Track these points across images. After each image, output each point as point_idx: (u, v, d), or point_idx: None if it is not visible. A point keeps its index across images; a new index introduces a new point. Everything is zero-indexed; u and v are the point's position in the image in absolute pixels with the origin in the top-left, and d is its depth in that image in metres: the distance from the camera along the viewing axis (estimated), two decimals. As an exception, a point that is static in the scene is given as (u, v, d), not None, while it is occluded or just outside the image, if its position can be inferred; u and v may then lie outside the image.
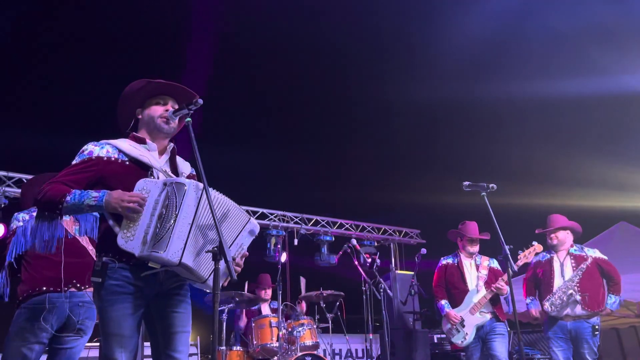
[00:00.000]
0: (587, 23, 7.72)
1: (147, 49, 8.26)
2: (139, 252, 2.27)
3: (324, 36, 8.70)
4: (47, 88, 7.92)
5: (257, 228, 2.63)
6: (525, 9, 8.11)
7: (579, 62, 8.45)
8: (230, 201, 2.46)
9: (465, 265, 5.16)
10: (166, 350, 2.44)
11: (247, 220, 2.54)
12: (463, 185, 3.94)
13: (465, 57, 8.86)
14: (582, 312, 4.72)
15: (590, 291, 4.74)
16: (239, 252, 2.51)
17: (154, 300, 2.46)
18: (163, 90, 2.68)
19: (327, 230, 9.84)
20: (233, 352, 5.53)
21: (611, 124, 9.31)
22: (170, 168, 2.64)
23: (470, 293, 5.01)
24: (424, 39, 8.71)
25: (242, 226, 2.50)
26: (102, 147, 2.50)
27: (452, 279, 5.14)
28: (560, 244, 4.98)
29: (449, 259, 5.30)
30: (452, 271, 5.18)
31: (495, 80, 9.06)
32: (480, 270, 5.10)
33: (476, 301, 4.91)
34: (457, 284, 5.09)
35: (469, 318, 4.93)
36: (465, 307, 4.97)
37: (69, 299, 3.45)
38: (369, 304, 5.98)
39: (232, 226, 2.47)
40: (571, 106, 8.69)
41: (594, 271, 4.84)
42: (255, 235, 2.62)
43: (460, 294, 5.04)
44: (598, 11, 7.55)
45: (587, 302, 4.71)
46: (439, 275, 5.24)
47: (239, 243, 2.50)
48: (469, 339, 4.89)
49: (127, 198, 2.29)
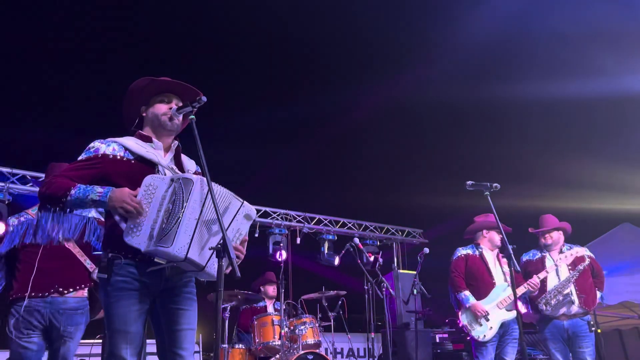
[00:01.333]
0: (589, 25, 7.71)
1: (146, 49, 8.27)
2: (145, 247, 2.27)
3: (323, 35, 8.70)
4: (53, 84, 7.94)
5: (253, 212, 2.61)
6: (528, 12, 8.10)
7: (581, 63, 8.44)
8: (228, 192, 2.46)
9: (488, 258, 4.95)
10: (171, 348, 2.44)
11: (241, 204, 2.51)
12: (466, 184, 3.89)
13: (468, 59, 8.85)
14: (577, 310, 4.76)
15: (586, 291, 4.77)
16: (237, 237, 2.50)
17: (159, 297, 2.46)
18: (167, 88, 2.69)
19: (329, 229, 9.84)
20: (235, 350, 5.54)
21: (614, 125, 9.29)
22: (176, 165, 2.65)
23: (498, 287, 4.78)
24: (424, 40, 8.71)
25: (235, 211, 2.48)
26: (109, 145, 2.51)
27: (475, 271, 4.88)
28: (554, 244, 5.02)
29: (467, 250, 5.03)
30: (475, 262, 4.91)
31: (497, 82, 9.06)
32: (503, 266, 4.94)
33: (505, 296, 4.72)
34: (482, 276, 4.84)
35: (495, 312, 4.70)
36: (491, 300, 4.74)
37: (50, 305, 3.50)
38: (371, 303, 5.98)
39: (229, 214, 2.46)
40: (573, 107, 8.68)
41: (588, 270, 4.87)
42: (253, 219, 2.60)
43: (485, 287, 4.79)
44: (600, 13, 7.54)
45: (584, 302, 4.74)
46: (460, 265, 4.93)
47: (235, 228, 2.49)
48: (492, 334, 4.65)
49: (129, 201, 2.28)
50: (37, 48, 7.72)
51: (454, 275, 4.91)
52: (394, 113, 10.23)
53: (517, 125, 9.83)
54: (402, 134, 10.62)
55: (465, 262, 4.94)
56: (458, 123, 10.13)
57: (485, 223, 5.06)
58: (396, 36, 8.71)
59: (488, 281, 4.82)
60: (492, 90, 9.04)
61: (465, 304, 4.76)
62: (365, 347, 8.05)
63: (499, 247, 5.00)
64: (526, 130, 9.99)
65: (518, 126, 9.86)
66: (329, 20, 8.52)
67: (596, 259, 5.03)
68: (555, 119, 9.53)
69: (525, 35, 8.43)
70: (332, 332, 6.25)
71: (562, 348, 4.81)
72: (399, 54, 9.14)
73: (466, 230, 5.20)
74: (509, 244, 3.68)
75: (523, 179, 9.28)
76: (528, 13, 8.17)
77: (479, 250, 5.00)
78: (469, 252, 5.00)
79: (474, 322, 4.70)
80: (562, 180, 9.64)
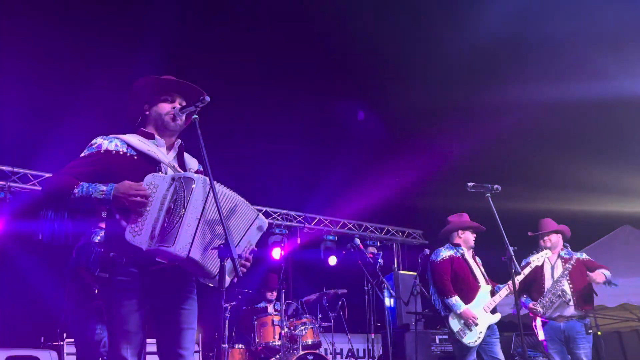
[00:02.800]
0: (588, 27, 7.70)
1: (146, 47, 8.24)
2: (147, 246, 2.26)
3: (322, 33, 8.69)
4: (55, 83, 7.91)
5: (266, 224, 2.63)
6: (526, 14, 8.10)
7: (581, 66, 8.43)
8: (239, 197, 2.46)
9: (470, 260, 4.83)
10: (172, 347, 2.44)
11: (256, 216, 2.53)
12: (467, 185, 3.87)
13: (466, 60, 8.85)
14: (574, 312, 4.75)
15: (580, 290, 4.76)
16: (248, 248, 2.51)
17: (160, 296, 2.46)
18: (171, 87, 2.68)
19: (330, 229, 9.85)
20: (235, 349, 5.54)
21: (613, 128, 9.29)
22: (178, 164, 2.65)
23: (484, 289, 4.70)
24: (424, 42, 8.72)
25: (250, 222, 2.50)
26: (111, 141, 2.50)
27: (461, 274, 4.73)
28: (553, 247, 5.03)
29: (450, 251, 4.85)
30: (460, 265, 4.76)
31: (497, 83, 9.05)
32: (480, 267, 4.90)
33: (490, 299, 4.66)
34: (467, 279, 4.71)
35: (483, 316, 4.61)
36: (478, 304, 4.64)
37: None
38: (371, 304, 5.98)
39: (241, 221, 2.47)
40: (573, 110, 8.67)
41: (582, 270, 4.84)
42: (264, 231, 2.62)
43: (471, 291, 4.68)
44: (599, 15, 7.53)
45: (578, 302, 4.74)
46: (446, 268, 4.74)
47: (248, 239, 2.50)
48: (482, 338, 4.54)
49: (134, 192, 2.27)
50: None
51: (442, 278, 4.71)
52: (394, 114, 10.23)
53: (518, 127, 9.83)
54: (401, 135, 10.62)
55: (451, 265, 4.77)
56: (458, 123, 10.12)
57: (460, 223, 4.99)
58: (397, 38, 8.71)
59: (474, 284, 4.72)
60: (493, 91, 9.03)
61: (455, 310, 4.60)
62: (365, 348, 8.04)
63: (472, 248, 4.94)
64: (527, 132, 9.98)
65: (519, 128, 9.86)
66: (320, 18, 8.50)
67: (596, 262, 5.01)
68: (556, 121, 9.53)
69: (523, 37, 8.43)
70: (332, 333, 6.25)
71: (560, 349, 4.80)
72: (401, 57, 9.16)
73: (441, 231, 5.10)
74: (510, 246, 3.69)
75: (524, 181, 9.27)
76: (526, 16, 8.17)
77: (460, 251, 4.86)
78: (452, 254, 4.83)
79: (464, 328, 4.56)
80: (563, 182, 9.64)
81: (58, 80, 7.63)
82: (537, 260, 4.83)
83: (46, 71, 7.42)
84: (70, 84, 7.62)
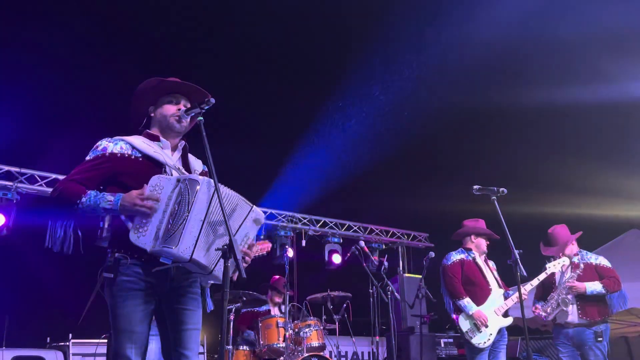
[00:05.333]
0: (595, 31, 7.66)
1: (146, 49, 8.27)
2: (151, 247, 2.28)
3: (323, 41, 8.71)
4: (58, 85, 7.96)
5: (262, 216, 2.62)
6: (534, 17, 8.07)
7: (588, 70, 8.40)
8: (237, 194, 2.47)
9: (481, 264, 4.90)
10: (176, 347, 2.45)
11: (250, 209, 2.52)
12: (473, 188, 3.85)
13: (473, 64, 8.82)
14: (580, 320, 4.72)
15: (585, 297, 4.73)
16: (245, 241, 2.51)
17: (165, 297, 2.47)
18: (176, 89, 2.69)
19: (335, 232, 9.83)
20: (239, 351, 5.54)
21: (620, 132, 9.25)
22: (183, 165, 2.66)
23: (496, 292, 4.76)
24: (430, 43, 8.70)
25: (244, 215, 2.49)
26: (116, 144, 2.52)
27: (472, 276, 4.80)
28: (570, 254, 5.00)
29: (461, 254, 4.94)
30: (471, 268, 4.84)
31: (505, 87, 9.03)
32: (492, 271, 4.94)
33: (502, 302, 4.72)
34: (478, 281, 4.78)
35: (494, 319, 4.66)
36: (489, 307, 4.70)
37: None
38: (376, 307, 5.96)
39: (239, 218, 2.47)
40: (579, 114, 8.64)
41: (592, 276, 4.81)
42: (262, 224, 2.61)
43: (483, 293, 4.74)
44: (606, 19, 7.50)
45: (583, 309, 4.71)
46: (457, 270, 4.83)
47: (243, 232, 2.50)
48: (492, 340, 4.60)
49: (140, 203, 2.30)
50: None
51: (453, 281, 4.80)
52: (400, 117, 10.22)
53: (525, 130, 9.80)
54: (408, 138, 10.59)
55: (461, 267, 4.85)
56: (464, 128, 10.10)
57: (474, 229, 5.03)
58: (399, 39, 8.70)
59: (485, 287, 4.78)
60: (499, 95, 9.01)
61: (467, 311, 4.68)
62: (370, 351, 8.02)
63: (485, 253, 5.00)
64: (534, 135, 9.95)
65: (525, 131, 9.83)
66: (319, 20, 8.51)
67: (610, 268, 4.94)
68: (563, 125, 9.49)
69: (530, 41, 8.40)
70: (337, 335, 6.23)
71: (571, 353, 4.80)
72: (404, 58, 9.15)
73: (455, 232, 5.15)
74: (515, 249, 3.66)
75: (530, 184, 9.24)
76: (534, 19, 8.14)
77: (471, 255, 4.93)
78: (463, 257, 4.91)
79: (474, 329, 4.64)
80: (570, 186, 9.58)
81: (65, 82, 7.69)
82: (553, 267, 4.82)
83: (54, 73, 7.48)
84: (78, 87, 7.69)
